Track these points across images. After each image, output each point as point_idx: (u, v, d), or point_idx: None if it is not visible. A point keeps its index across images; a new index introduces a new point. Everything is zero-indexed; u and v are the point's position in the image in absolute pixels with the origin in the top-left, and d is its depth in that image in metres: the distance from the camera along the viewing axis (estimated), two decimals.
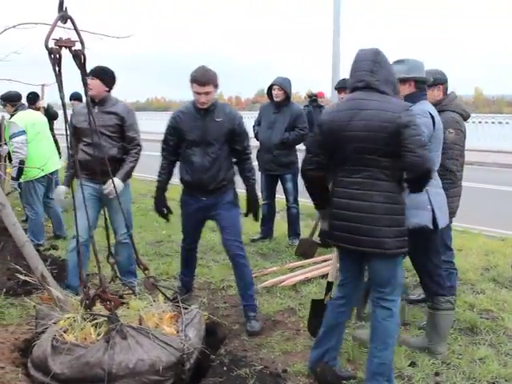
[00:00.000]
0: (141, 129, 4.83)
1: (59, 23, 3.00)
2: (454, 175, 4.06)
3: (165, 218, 4.36)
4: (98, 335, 3.19)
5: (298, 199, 6.50)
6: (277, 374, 3.37)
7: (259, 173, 6.08)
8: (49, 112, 8.08)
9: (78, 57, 3.08)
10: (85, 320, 3.25)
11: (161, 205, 4.29)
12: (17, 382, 3.08)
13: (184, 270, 4.58)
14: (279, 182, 6.47)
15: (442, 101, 4.07)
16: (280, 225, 6.98)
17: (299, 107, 6.35)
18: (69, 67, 3.08)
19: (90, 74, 4.44)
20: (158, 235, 6.91)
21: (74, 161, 4.17)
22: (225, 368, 3.37)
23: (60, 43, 2.98)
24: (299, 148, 6.33)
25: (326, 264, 5.42)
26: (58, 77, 3.02)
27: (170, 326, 3.37)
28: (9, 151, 6.50)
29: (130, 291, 3.75)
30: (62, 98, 3.08)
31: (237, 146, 4.11)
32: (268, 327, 4.10)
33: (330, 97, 8.68)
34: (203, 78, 3.88)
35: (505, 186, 11.59)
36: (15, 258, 5.05)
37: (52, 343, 3.10)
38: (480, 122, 19.96)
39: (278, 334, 3.98)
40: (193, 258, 4.60)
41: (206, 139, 4.01)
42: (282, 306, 4.51)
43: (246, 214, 4.28)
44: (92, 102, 4.51)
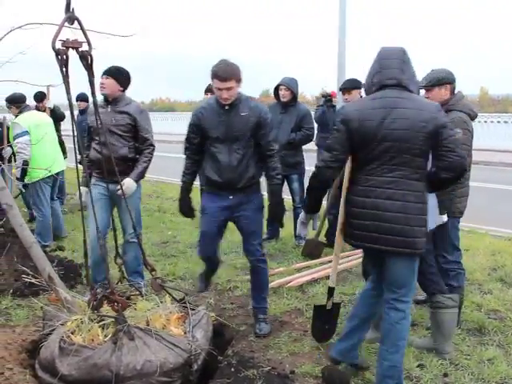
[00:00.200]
0: None
1: (66, 24, 3.00)
2: None
3: (190, 217, 4.24)
4: (106, 336, 3.18)
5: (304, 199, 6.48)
6: (285, 375, 3.35)
7: None
8: (55, 113, 8.07)
9: (85, 58, 3.07)
10: (92, 321, 3.24)
11: (186, 206, 4.12)
12: None
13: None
14: (285, 183, 6.44)
15: (449, 100, 4.04)
16: (286, 225, 6.90)
17: (306, 107, 6.34)
18: (74, 68, 3.08)
19: (105, 74, 4.48)
20: (164, 236, 6.92)
21: (88, 160, 4.19)
22: (232, 369, 3.36)
23: (67, 44, 2.97)
24: (305, 148, 6.33)
25: (331, 264, 5.38)
26: (66, 78, 3.02)
27: (178, 327, 3.35)
28: (12, 152, 6.51)
29: (137, 292, 3.75)
30: (70, 100, 3.07)
31: (260, 140, 3.87)
32: (275, 328, 4.10)
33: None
34: (224, 73, 3.67)
35: (511, 186, 11.54)
36: (22, 259, 5.06)
37: (59, 344, 3.09)
38: (486, 122, 19.89)
39: (286, 335, 3.98)
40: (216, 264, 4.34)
41: (231, 135, 3.80)
42: (289, 307, 4.51)
43: (270, 220, 4.06)
44: (105, 101, 4.54)
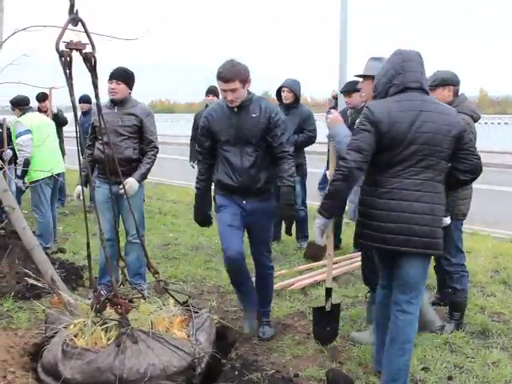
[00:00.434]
0: None
1: (70, 26, 2.99)
2: None
3: (206, 226, 4.09)
4: (109, 340, 3.16)
5: (306, 201, 6.46)
6: (289, 379, 3.33)
7: None
8: (58, 118, 8.10)
9: (89, 60, 3.06)
10: (95, 324, 3.23)
11: (201, 214, 3.98)
12: None
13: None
14: None
15: (452, 102, 4.03)
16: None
17: (308, 109, 6.30)
18: (76, 70, 3.05)
19: (115, 79, 4.46)
20: (166, 238, 6.91)
21: (91, 160, 4.18)
22: (236, 372, 3.32)
23: (71, 46, 2.96)
24: (307, 150, 6.32)
25: (335, 266, 5.39)
26: (69, 80, 3.00)
27: (181, 330, 3.33)
28: (14, 153, 6.54)
29: (139, 295, 3.73)
30: (73, 102, 3.05)
31: (272, 142, 3.72)
32: (278, 331, 4.08)
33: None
34: (227, 74, 3.57)
35: (511, 188, 11.53)
36: (23, 262, 5.03)
37: (62, 348, 3.07)
38: (486, 123, 19.88)
39: (289, 338, 3.96)
40: (246, 277, 3.92)
41: (242, 137, 3.69)
42: (292, 310, 4.49)
43: (278, 223, 3.97)
44: (112, 102, 4.53)
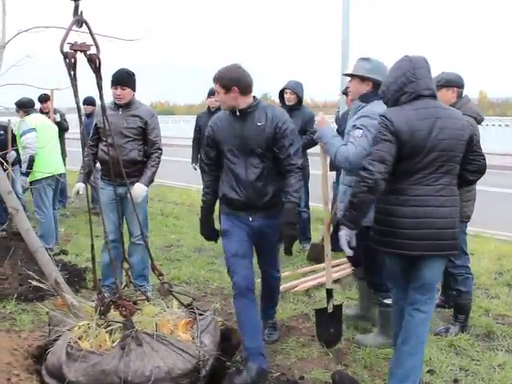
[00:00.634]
0: None
1: (74, 27, 2.98)
2: None
3: (212, 240, 3.81)
4: (113, 342, 3.14)
5: (309, 203, 6.45)
6: (294, 381, 3.33)
7: None
8: (61, 125, 8.14)
9: (93, 61, 3.05)
10: (99, 327, 3.22)
11: (207, 229, 3.71)
12: None
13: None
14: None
15: (456, 104, 4.02)
16: None
17: (311, 111, 6.28)
18: (79, 71, 3.04)
19: (119, 84, 4.42)
20: (168, 240, 6.90)
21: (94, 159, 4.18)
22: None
23: (75, 47, 2.95)
24: (310, 152, 6.30)
25: (338, 269, 5.37)
26: (74, 81, 3.00)
27: (186, 333, 3.31)
28: (17, 155, 6.55)
29: (143, 297, 3.71)
30: (78, 103, 3.04)
31: (279, 154, 3.43)
32: (283, 333, 4.06)
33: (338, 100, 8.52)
34: (215, 75, 3.41)
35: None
36: (26, 264, 5.03)
37: (67, 350, 3.05)
38: (487, 125, 19.84)
39: (293, 340, 3.94)
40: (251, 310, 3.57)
41: (246, 148, 3.41)
42: (296, 312, 4.47)
43: (278, 239, 3.59)
44: (115, 104, 4.52)
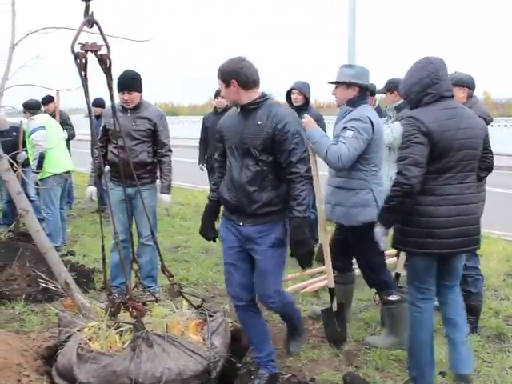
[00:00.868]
0: None
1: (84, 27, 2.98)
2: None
3: (210, 240, 3.56)
4: (123, 343, 3.14)
5: (316, 204, 6.41)
6: (305, 383, 3.31)
7: None
8: (67, 132, 8.17)
9: (104, 61, 3.06)
10: (109, 328, 3.21)
11: (206, 227, 3.46)
12: None
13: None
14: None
15: (465, 104, 4.01)
16: None
17: (318, 112, 6.27)
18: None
19: (127, 90, 4.38)
20: (175, 240, 6.89)
21: (99, 162, 4.18)
22: (252, 376, 3.31)
23: (86, 48, 2.96)
24: None
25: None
26: (84, 81, 3.00)
27: (196, 334, 3.32)
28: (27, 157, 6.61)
29: (152, 298, 3.70)
30: (88, 103, 3.05)
31: (279, 159, 3.10)
32: None
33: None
34: (218, 71, 3.19)
35: None
36: (35, 264, 5.02)
37: (77, 351, 3.06)
38: (492, 126, 19.75)
39: (304, 342, 3.91)
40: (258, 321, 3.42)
41: (243, 147, 3.15)
42: (305, 313, 4.43)
43: (291, 254, 3.24)
44: (123, 107, 4.49)
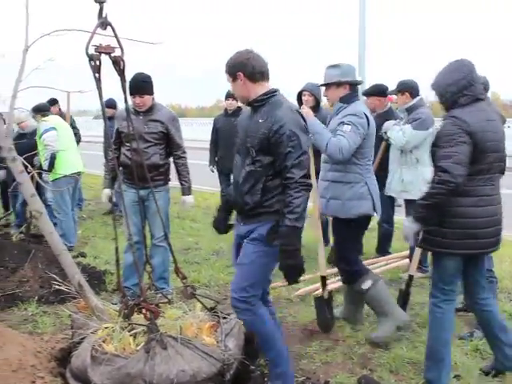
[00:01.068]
0: None
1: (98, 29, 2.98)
2: None
3: (222, 233, 3.55)
4: (137, 345, 3.13)
5: None
6: None
7: None
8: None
9: (118, 63, 3.05)
10: (123, 330, 3.20)
11: (219, 221, 3.44)
12: None
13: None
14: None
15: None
16: (308, 231, 6.85)
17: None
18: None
19: (138, 94, 4.37)
20: (185, 242, 6.89)
21: (113, 164, 4.18)
22: (266, 379, 3.29)
23: (100, 49, 2.96)
24: None
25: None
26: (98, 83, 3.00)
27: (210, 336, 3.29)
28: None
29: (164, 299, 3.69)
30: (102, 105, 3.04)
31: (276, 161, 2.99)
32: (305, 337, 4.04)
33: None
34: (225, 65, 3.13)
35: None
36: (47, 266, 5.04)
37: (91, 353, 3.04)
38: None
39: (317, 344, 3.91)
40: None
41: (244, 145, 3.10)
42: None
43: (280, 267, 3.07)
44: (135, 110, 4.47)
